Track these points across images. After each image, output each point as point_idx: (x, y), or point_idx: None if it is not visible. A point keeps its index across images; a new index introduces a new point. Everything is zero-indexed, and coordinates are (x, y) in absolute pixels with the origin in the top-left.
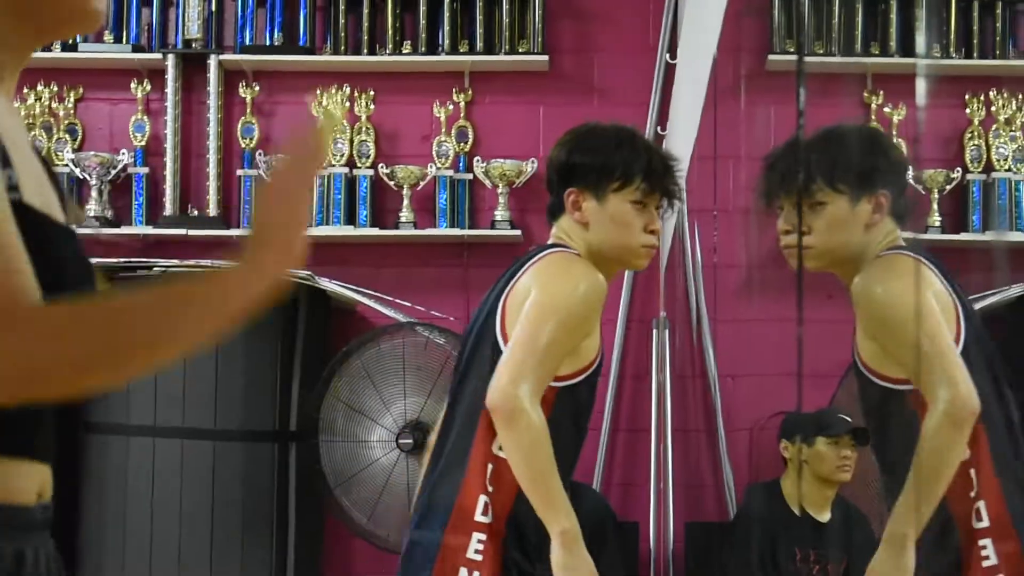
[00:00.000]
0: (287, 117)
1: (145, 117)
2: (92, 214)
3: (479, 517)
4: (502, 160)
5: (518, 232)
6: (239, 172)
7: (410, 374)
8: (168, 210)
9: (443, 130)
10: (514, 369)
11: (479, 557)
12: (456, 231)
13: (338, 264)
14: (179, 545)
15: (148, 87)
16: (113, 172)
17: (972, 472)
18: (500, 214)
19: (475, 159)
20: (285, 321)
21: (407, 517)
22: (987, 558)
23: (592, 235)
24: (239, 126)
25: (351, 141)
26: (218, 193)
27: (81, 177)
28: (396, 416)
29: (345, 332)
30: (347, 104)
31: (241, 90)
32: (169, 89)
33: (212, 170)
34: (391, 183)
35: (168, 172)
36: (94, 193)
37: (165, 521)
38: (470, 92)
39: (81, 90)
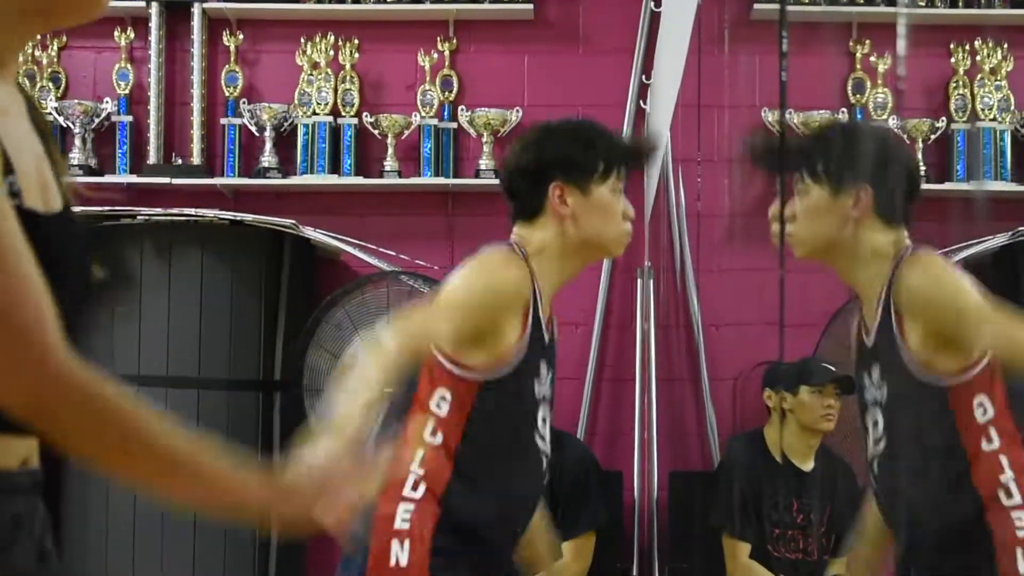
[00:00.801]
0: (271, 66)
1: (129, 65)
2: (76, 163)
3: (408, 492)
4: (487, 109)
5: None
6: (223, 121)
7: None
8: (152, 159)
9: (428, 79)
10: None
11: (406, 526)
12: (441, 180)
13: (322, 213)
14: None
15: (132, 35)
16: (97, 120)
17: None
18: (485, 163)
19: (460, 108)
20: (269, 270)
21: None
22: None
23: (578, 228)
24: (223, 74)
25: (335, 90)
26: (202, 142)
27: (65, 125)
28: None
29: (329, 281)
30: (331, 52)
31: (225, 38)
32: (153, 37)
33: (196, 119)
34: (375, 132)
35: (152, 121)
36: (78, 142)
37: None
38: (455, 41)
39: (64, 38)
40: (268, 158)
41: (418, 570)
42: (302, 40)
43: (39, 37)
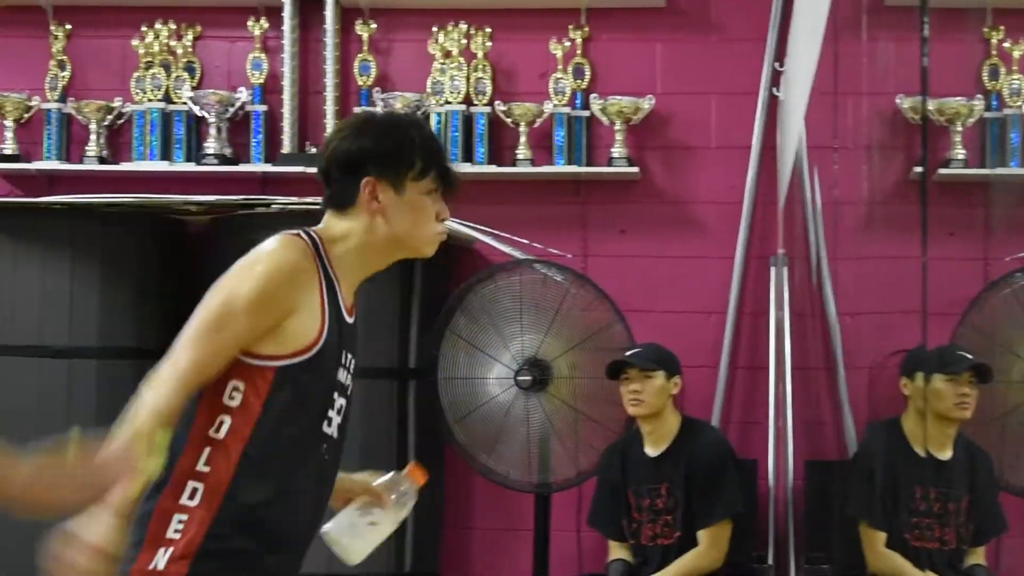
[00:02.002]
0: (404, 54)
1: (263, 55)
2: (211, 152)
3: (184, 500)
4: (619, 97)
5: (635, 169)
6: (356, 110)
7: (528, 311)
8: (286, 148)
9: (560, 67)
10: (167, 357)
11: (177, 536)
12: (573, 168)
13: (455, 202)
14: None
15: (265, 25)
16: (231, 110)
17: None
18: (617, 151)
19: (592, 96)
20: (403, 258)
21: (525, 454)
22: None
23: (388, 225)
24: (356, 64)
25: (468, 79)
26: None
27: (199, 115)
28: (514, 353)
29: (463, 270)
30: (464, 41)
31: (358, 27)
32: (286, 27)
33: (329, 108)
34: (508, 120)
35: (286, 110)
36: (212, 131)
37: None
38: (587, 29)
39: (199, 28)
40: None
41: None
42: (434, 29)
43: (173, 27)
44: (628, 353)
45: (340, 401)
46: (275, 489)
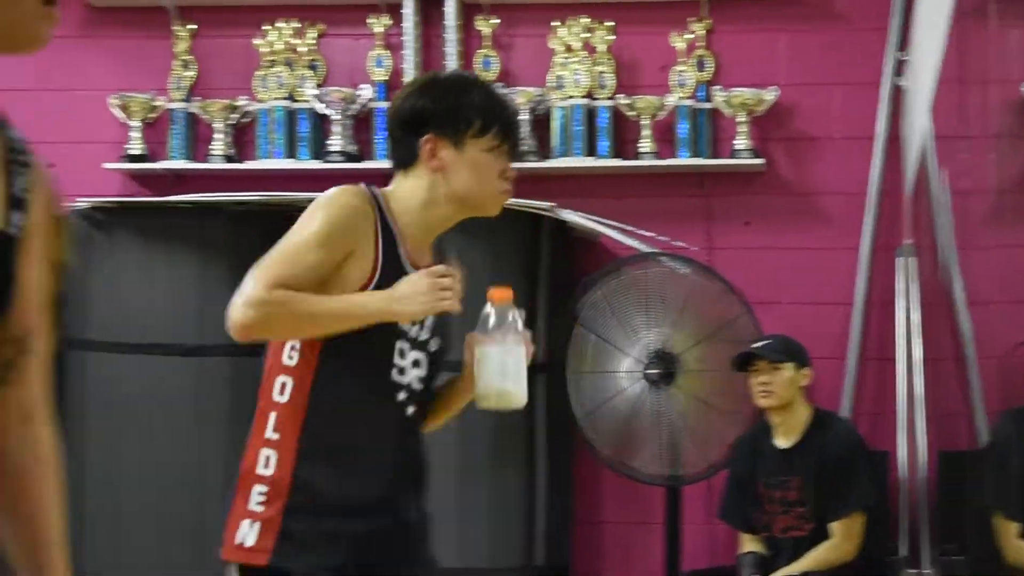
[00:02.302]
0: (525, 49)
1: (385, 52)
2: (336, 149)
3: (260, 470)
4: (742, 89)
5: (760, 161)
6: None
7: (654, 304)
8: None
9: (682, 59)
10: (243, 288)
11: (260, 508)
12: (697, 161)
13: (580, 196)
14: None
15: (388, 22)
16: (354, 107)
17: None
18: (741, 143)
19: (715, 88)
20: (528, 253)
21: (655, 447)
22: None
23: (449, 182)
24: (477, 59)
25: (590, 73)
26: None
27: (323, 113)
28: (642, 346)
29: (587, 263)
30: (585, 35)
31: (479, 23)
32: (408, 23)
33: None
34: (631, 114)
35: None
36: (337, 128)
37: None
38: (709, 20)
39: (322, 26)
40: (524, 141)
41: (264, 553)
42: (555, 23)
43: (296, 25)
44: (756, 345)
45: (415, 354)
46: (347, 440)
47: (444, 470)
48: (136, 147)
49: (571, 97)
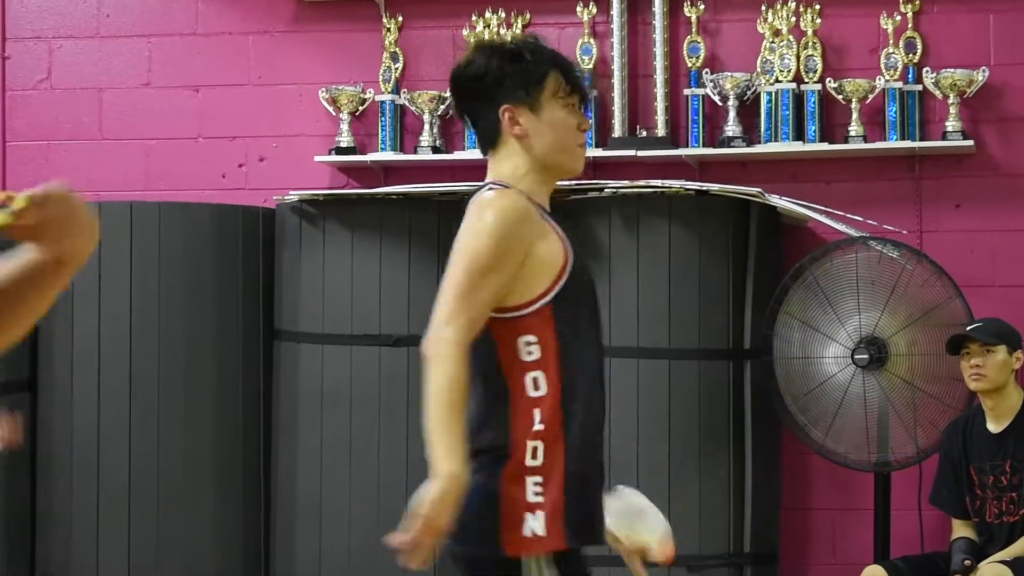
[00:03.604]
0: (732, 34)
1: (592, 40)
2: None
3: (529, 462)
4: (952, 70)
5: (970, 143)
6: (686, 91)
7: (864, 289)
8: (617, 131)
9: (891, 42)
10: (439, 314)
11: (539, 499)
12: (907, 144)
13: (788, 181)
14: (636, 461)
15: (594, 10)
16: None
17: None
18: (951, 125)
19: (924, 70)
20: (736, 239)
21: (863, 433)
22: None
23: (534, 148)
24: (685, 45)
25: (797, 56)
26: (666, 113)
27: None
28: (851, 331)
29: (796, 249)
30: (793, 19)
31: (686, 9)
32: (615, 11)
33: (659, 90)
34: (839, 97)
35: (616, 94)
36: None
37: (622, 438)
38: (917, 2)
39: (528, 15)
40: (732, 127)
41: (560, 538)
42: (763, 8)
43: (503, 15)
44: (969, 327)
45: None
46: (591, 424)
47: (654, 459)
48: (345, 140)
49: (779, 81)
